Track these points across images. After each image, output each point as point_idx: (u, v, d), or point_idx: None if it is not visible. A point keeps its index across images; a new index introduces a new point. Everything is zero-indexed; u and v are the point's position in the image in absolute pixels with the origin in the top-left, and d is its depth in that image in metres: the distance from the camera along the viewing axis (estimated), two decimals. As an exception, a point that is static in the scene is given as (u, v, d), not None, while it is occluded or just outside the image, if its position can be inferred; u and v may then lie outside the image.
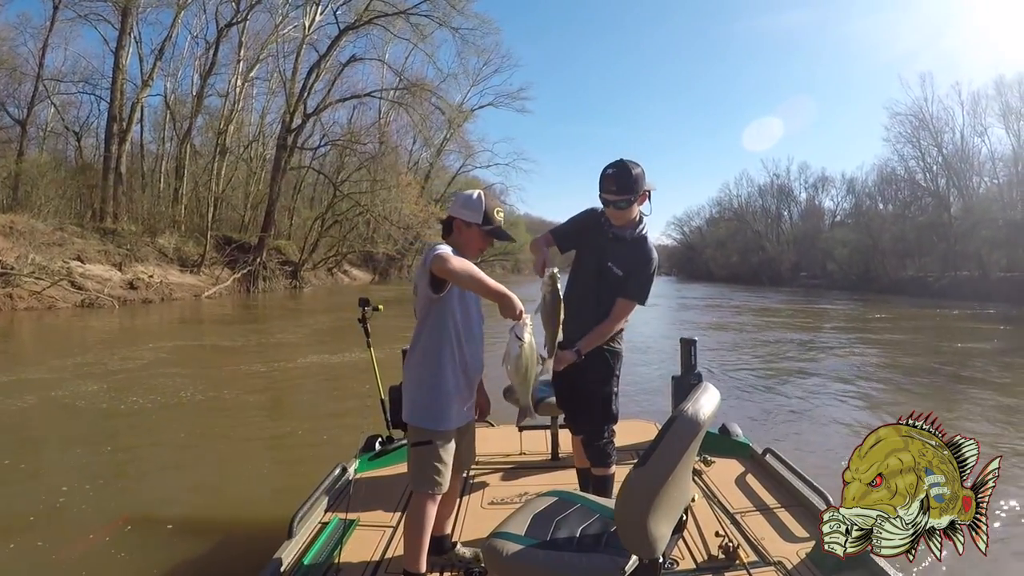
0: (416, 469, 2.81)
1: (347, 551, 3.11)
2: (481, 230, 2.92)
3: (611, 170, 3.28)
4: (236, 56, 38.71)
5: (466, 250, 2.90)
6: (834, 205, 71.84)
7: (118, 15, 32.49)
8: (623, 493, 2.01)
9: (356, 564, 3.02)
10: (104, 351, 12.70)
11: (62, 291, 21.33)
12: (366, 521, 3.47)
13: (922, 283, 43.74)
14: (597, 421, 3.43)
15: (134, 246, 27.43)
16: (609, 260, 3.37)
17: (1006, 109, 42.79)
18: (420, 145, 54.48)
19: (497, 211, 2.96)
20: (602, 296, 3.38)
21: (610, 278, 3.36)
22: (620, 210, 3.31)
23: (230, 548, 4.41)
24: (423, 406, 2.82)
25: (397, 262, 49.41)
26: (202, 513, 5.11)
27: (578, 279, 3.43)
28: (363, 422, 5.92)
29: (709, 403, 2.09)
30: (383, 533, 3.36)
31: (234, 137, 39.22)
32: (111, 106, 32.39)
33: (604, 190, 3.30)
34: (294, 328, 18.59)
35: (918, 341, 16.95)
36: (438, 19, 38.34)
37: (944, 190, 48.31)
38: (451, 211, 2.98)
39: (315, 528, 3.36)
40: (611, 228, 3.42)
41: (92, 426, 7.75)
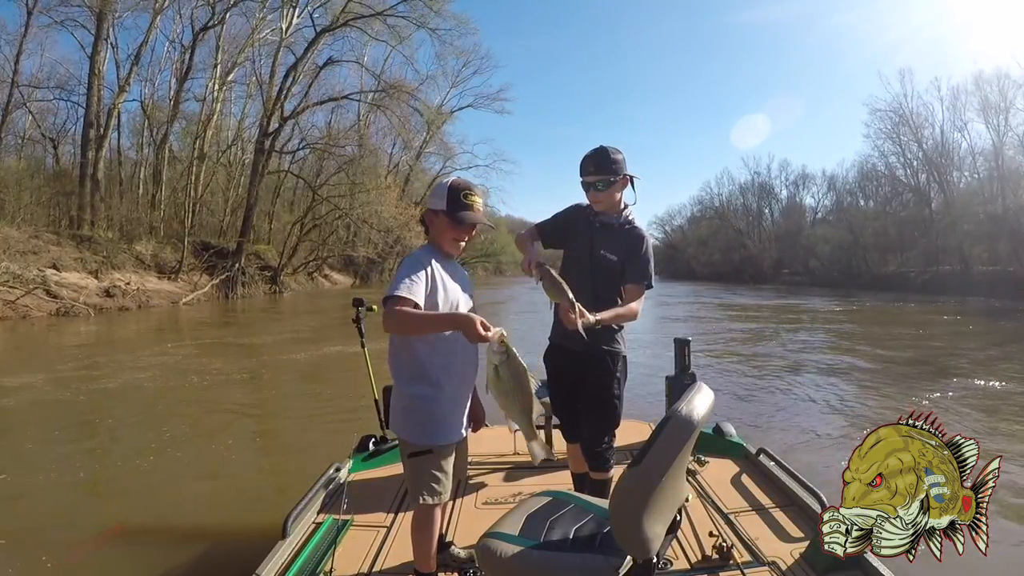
0: (415, 480, 2.70)
1: (341, 551, 3.08)
2: (448, 216, 2.74)
3: (590, 151, 3.31)
4: (213, 60, 38.42)
5: (441, 241, 2.80)
6: (815, 202, 72.65)
7: (94, 20, 32.05)
8: (617, 493, 2.00)
9: (351, 564, 3.00)
10: (81, 360, 12.44)
11: (36, 300, 20.91)
12: (360, 521, 3.46)
13: (904, 278, 44.14)
14: (599, 427, 3.36)
15: (111, 253, 27.02)
16: (601, 248, 3.32)
17: (985, 104, 43.27)
18: (400, 148, 54.49)
19: (468, 195, 2.76)
20: (598, 289, 3.27)
21: (604, 266, 3.31)
22: (600, 192, 3.29)
23: (224, 549, 4.40)
24: (419, 423, 2.69)
25: (378, 265, 49.16)
26: (195, 516, 5.09)
27: (569, 277, 3.22)
28: (356, 422, 5.93)
29: (703, 403, 2.06)
30: (377, 533, 3.35)
31: (212, 142, 38.86)
32: (87, 112, 31.96)
33: (583, 173, 3.30)
34: (275, 332, 18.47)
35: (903, 335, 17.00)
36: (415, 20, 38.21)
37: (925, 185, 48.90)
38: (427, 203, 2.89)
39: (309, 528, 3.33)
40: (597, 217, 3.38)
41: (74, 437, 7.59)
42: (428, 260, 2.70)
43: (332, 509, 3.57)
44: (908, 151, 50.13)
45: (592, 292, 3.22)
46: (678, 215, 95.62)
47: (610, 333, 3.31)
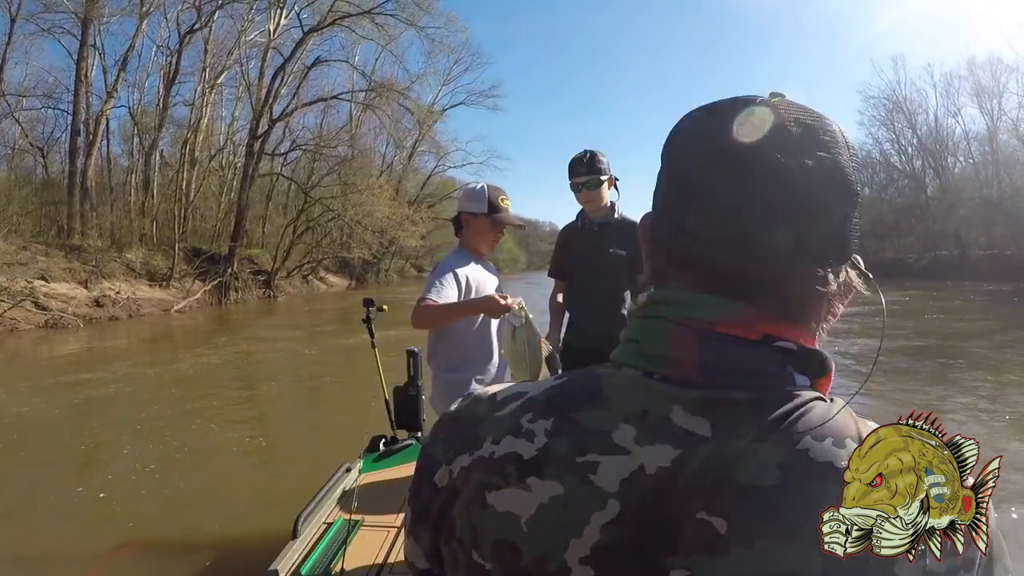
0: None
1: (352, 552, 3.11)
2: (489, 219, 3.04)
3: (578, 154, 3.51)
4: (201, 63, 38.07)
5: (478, 242, 3.11)
6: (811, 191, 72.52)
7: (80, 26, 31.70)
8: None
9: (361, 565, 3.04)
10: (73, 373, 12.21)
11: (24, 312, 20.66)
12: (371, 522, 3.47)
13: (902, 264, 44.01)
14: None
15: (100, 262, 26.70)
16: (610, 247, 3.52)
17: (979, 88, 43.15)
18: (393, 148, 54.20)
19: (502, 199, 3.06)
20: (611, 289, 3.54)
21: (615, 262, 3.50)
22: (592, 191, 3.53)
23: (235, 550, 4.53)
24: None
25: (373, 266, 48.98)
26: (206, 520, 5.26)
27: (577, 283, 3.71)
28: (366, 423, 5.92)
29: None
30: (388, 533, 3.36)
31: (203, 146, 38.57)
32: (74, 119, 31.61)
33: (575, 174, 3.53)
34: (272, 336, 18.36)
35: (900, 324, 16.76)
36: (404, 19, 37.97)
37: (920, 171, 48.83)
38: (459, 207, 3.16)
39: (320, 528, 3.40)
40: (593, 221, 3.64)
41: (73, 453, 7.49)
42: (460, 264, 3.00)
43: (343, 509, 3.60)
44: (903, 137, 50.13)
45: (606, 293, 3.54)
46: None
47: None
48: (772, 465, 0.57)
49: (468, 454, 0.68)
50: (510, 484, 0.63)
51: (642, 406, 0.62)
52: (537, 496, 0.61)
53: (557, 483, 0.61)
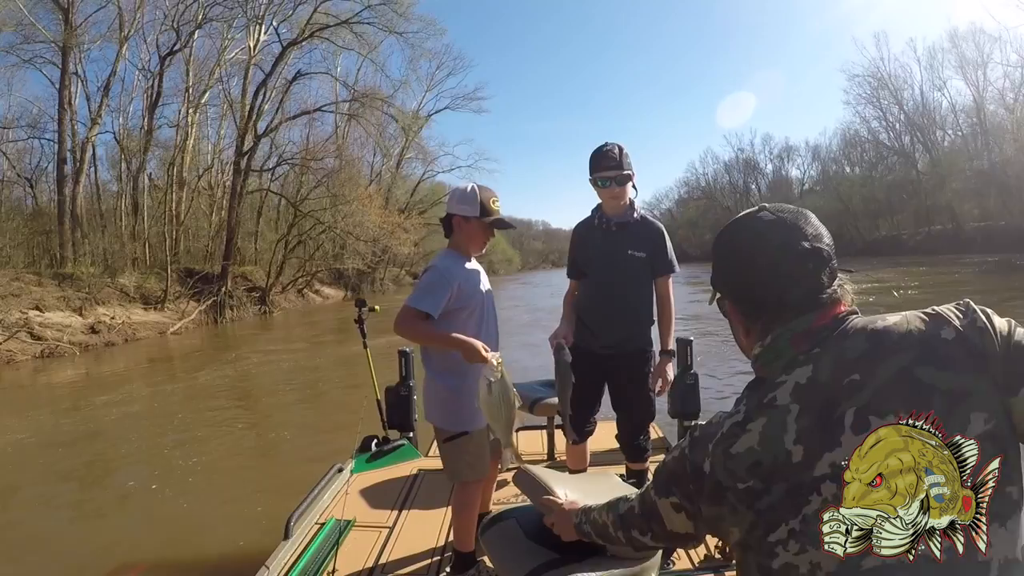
0: (454, 461, 2.98)
1: (344, 552, 3.12)
2: (481, 222, 3.00)
3: (605, 147, 3.31)
4: (184, 84, 38.00)
5: (470, 244, 3.07)
6: (801, 173, 72.93)
7: (60, 55, 31.61)
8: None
9: (353, 565, 3.06)
10: (71, 400, 12.32)
11: (20, 343, 20.54)
12: (363, 522, 3.50)
13: (897, 241, 44.14)
14: (640, 421, 3.54)
15: (94, 288, 26.56)
16: (628, 248, 3.37)
17: (963, 60, 43.31)
18: (380, 156, 54.13)
19: (493, 201, 3.03)
20: (627, 291, 3.42)
21: (633, 264, 3.38)
22: (619, 187, 3.32)
23: (227, 550, 4.57)
24: (453, 412, 2.97)
25: (368, 276, 48.83)
26: (197, 521, 5.32)
27: (590, 284, 3.53)
28: (358, 423, 5.94)
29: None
30: (380, 533, 3.40)
31: (191, 167, 38.48)
32: (59, 148, 31.45)
33: (602, 167, 3.30)
34: (267, 349, 18.62)
35: (898, 304, 16.72)
36: (382, 26, 37.94)
37: (909, 147, 48.98)
38: (448, 208, 3.07)
39: (312, 529, 3.39)
40: (612, 221, 3.42)
41: (76, 479, 7.53)
42: (451, 268, 2.96)
43: (335, 510, 3.61)
44: (889, 114, 50.33)
45: (621, 297, 3.40)
46: (665, 198, 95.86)
47: (644, 332, 3.47)
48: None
49: None
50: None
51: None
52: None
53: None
